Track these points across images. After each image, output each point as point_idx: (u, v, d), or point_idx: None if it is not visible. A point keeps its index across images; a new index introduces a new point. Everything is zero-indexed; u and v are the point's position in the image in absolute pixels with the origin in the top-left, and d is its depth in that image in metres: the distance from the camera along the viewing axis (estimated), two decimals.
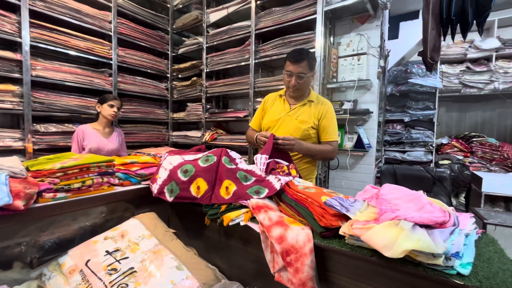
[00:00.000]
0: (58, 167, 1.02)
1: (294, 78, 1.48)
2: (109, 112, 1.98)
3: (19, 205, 0.85)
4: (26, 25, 2.00)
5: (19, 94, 2.01)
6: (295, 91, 1.55)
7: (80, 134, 1.92)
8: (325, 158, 1.64)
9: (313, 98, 1.59)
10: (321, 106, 1.57)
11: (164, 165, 1.27)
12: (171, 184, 1.17)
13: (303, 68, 1.46)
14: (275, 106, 1.67)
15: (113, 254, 0.93)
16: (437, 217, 0.66)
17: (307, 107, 1.58)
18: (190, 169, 1.19)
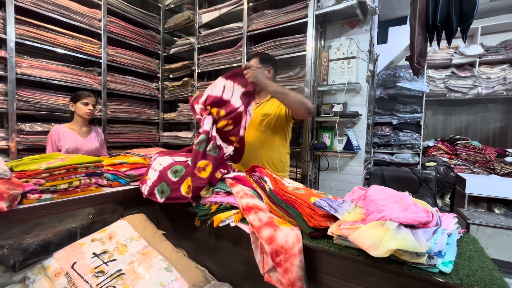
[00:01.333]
0: (44, 167, 1.00)
1: None
2: (84, 110, 1.88)
3: (2, 207, 0.82)
4: (11, 21, 1.95)
5: (3, 92, 1.95)
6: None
7: (55, 135, 1.81)
8: (300, 100, 1.43)
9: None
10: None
11: (153, 166, 1.26)
12: (162, 185, 1.17)
13: (253, 63, 1.61)
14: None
15: (100, 256, 0.91)
16: (421, 217, 0.68)
17: (269, 102, 1.67)
18: (180, 170, 1.19)
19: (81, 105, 1.88)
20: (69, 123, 1.93)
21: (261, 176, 1.18)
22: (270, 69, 1.65)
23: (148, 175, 1.24)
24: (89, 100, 1.91)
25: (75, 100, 1.89)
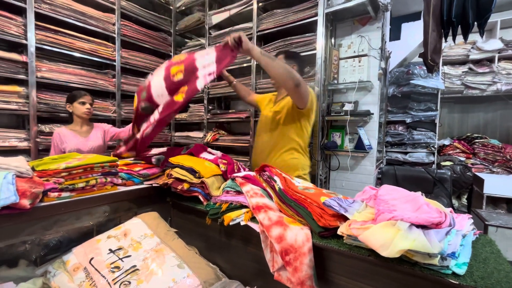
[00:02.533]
0: (63, 167, 1.05)
1: None
2: (82, 110, 1.88)
3: (25, 204, 0.87)
4: (31, 27, 2.04)
5: (24, 95, 2.04)
6: (273, 84, 1.80)
7: (57, 138, 1.84)
8: (287, 72, 1.34)
9: None
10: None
11: None
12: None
13: (279, 59, 1.59)
14: (268, 106, 1.80)
15: (116, 252, 0.95)
16: (433, 218, 0.67)
17: (284, 100, 1.65)
18: None
19: (78, 105, 1.89)
20: (70, 124, 1.95)
21: (271, 176, 1.19)
22: (293, 65, 1.61)
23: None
24: (86, 99, 1.91)
25: (71, 101, 1.89)
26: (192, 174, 1.23)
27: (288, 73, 1.34)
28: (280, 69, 1.35)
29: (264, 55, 1.33)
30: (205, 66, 1.32)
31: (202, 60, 1.35)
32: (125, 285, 0.82)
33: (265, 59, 1.33)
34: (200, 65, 1.33)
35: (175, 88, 1.36)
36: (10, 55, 1.97)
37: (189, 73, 1.34)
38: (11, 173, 0.92)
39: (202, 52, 1.40)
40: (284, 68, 1.35)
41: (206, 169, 1.25)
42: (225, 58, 1.34)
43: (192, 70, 1.34)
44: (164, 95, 1.38)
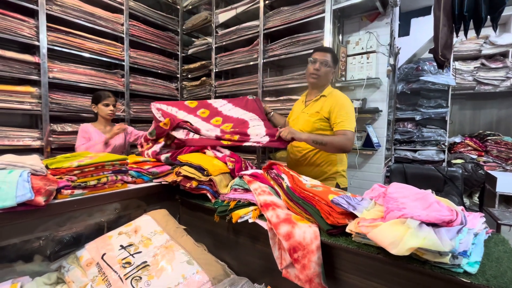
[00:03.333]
0: (75, 165, 1.07)
1: (318, 64, 1.58)
2: (106, 112, 1.99)
3: (40, 201, 0.90)
4: (43, 29, 2.08)
5: (37, 95, 2.10)
6: (315, 78, 1.61)
7: (85, 131, 1.95)
8: (338, 148, 1.48)
9: (326, 93, 1.62)
10: (332, 98, 1.57)
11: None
12: None
13: (327, 57, 1.58)
14: (297, 107, 1.79)
15: (127, 248, 0.97)
16: (444, 216, 0.66)
17: (319, 102, 1.61)
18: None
19: (102, 106, 1.98)
20: (94, 122, 2.04)
21: (278, 173, 1.19)
22: (334, 70, 1.67)
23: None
24: (109, 101, 2.00)
25: (96, 102, 2.00)
26: (200, 172, 1.24)
27: (336, 144, 1.47)
28: (331, 144, 1.47)
29: (318, 141, 1.45)
30: (258, 135, 1.56)
31: (254, 130, 1.61)
32: (136, 280, 0.84)
33: (320, 146, 1.48)
34: (253, 133, 1.58)
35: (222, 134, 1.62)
36: (23, 56, 2.03)
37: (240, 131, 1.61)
38: (27, 171, 0.95)
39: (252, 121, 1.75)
40: (335, 148, 1.48)
41: (214, 167, 1.26)
42: (277, 142, 1.51)
43: (242, 131, 1.60)
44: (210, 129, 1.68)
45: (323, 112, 1.56)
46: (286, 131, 1.45)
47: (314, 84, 1.65)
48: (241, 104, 1.93)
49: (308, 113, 1.63)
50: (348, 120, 1.51)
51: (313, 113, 1.60)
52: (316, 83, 1.63)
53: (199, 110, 1.89)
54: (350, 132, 1.48)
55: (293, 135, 1.44)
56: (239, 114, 1.85)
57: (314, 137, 1.47)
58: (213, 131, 1.64)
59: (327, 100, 1.58)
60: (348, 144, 1.47)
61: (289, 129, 1.46)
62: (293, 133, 1.44)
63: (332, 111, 1.53)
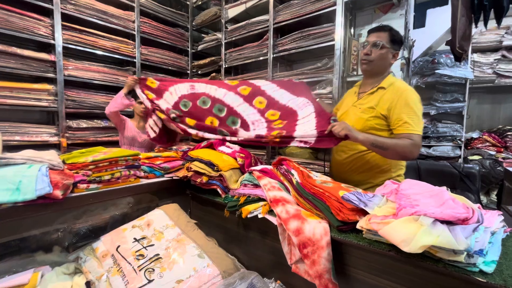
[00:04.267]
0: (90, 160, 1.11)
1: (368, 46, 1.33)
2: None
3: (58, 194, 0.93)
4: (58, 27, 2.14)
5: (53, 92, 2.17)
6: (365, 63, 1.36)
7: (126, 120, 2.11)
8: (402, 155, 1.22)
9: (386, 84, 1.33)
10: (393, 91, 1.28)
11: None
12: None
13: (382, 37, 1.31)
14: (348, 98, 1.53)
15: (140, 241, 1.00)
16: (459, 213, 0.64)
17: (375, 95, 1.33)
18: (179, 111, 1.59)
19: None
20: (132, 118, 2.20)
21: (288, 169, 1.19)
22: (396, 53, 1.35)
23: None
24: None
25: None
26: (210, 168, 1.25)
27: (400, 149, 1.20)
28: (394, 156, 1.25)
29: (377, 144, 1.21)
30: (304, 136, 1.36)
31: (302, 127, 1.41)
32: (149, 272, 0.86)
33: (377, 150, 1.23)
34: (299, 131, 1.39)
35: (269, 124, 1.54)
36: (40, 55, 2.09)
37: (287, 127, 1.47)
38: (45, 165, 0.99)
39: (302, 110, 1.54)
40: (398, 154, 1.23)
41: (224, 163, 1.28)
42: (326, 141, 1.32)
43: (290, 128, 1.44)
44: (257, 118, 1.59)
45: (380, 108, 1.28)
46: (340, 126, 1.21)
47: (367, 72, 1.40)
48: (287, 86, 1.72)
49: (360, 107, 1.36)
50: (415, 120, 1.21)
51: (366, 108, 1.33)
52: (368, 69, 1.37)
53: (240, 87, 1.72)
54: (418, 136, 1.19)
55: (348, 132, 1.19)
56: (286, 99, 1.63)
57: (373, 138, 1.21)
58: (258, 124, 1.54)
59: (387, 93, 1.30)
60: (414, 152, 1.19)
61: (344, 124, 1.21)
62: (348, 130, 1.19)
63: (393, 108, 1.25)
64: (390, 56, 1.33)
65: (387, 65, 1.36)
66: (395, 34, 1.33)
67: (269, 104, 1.63)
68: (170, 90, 1.70)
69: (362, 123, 1.32)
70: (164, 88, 1.71)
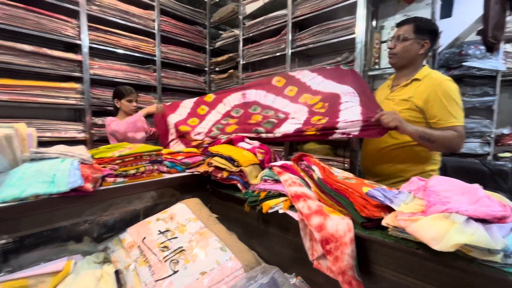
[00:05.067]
0: (117, 155, 1.15)
1: (393, 41, 1.35)
2: (130, 107, 2.04)
3: (88, 187, 0.98)
4: (84, 28, 2.23)
5: (80, 91, 2.27)
6: (391, 58, 1.37)
7: (115, 123, 1.96)
8: (449, 147, 1.20)
9: (421, 75, 1.30)
10: (429, 83, 1.25)
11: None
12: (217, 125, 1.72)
13: (404, 31, 1.31)
14: (381, 91, 1.51)
15: (164, 233, 1.03)
16: (496, 211, 0.61)
17: (410, 87, 1.31)
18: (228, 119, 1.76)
19: (126, 102, 2.04)
20: (116, 116, 2.08)
21: (309, 165, 1.17)
22: (425, 42, 1.30)
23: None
24: (133, 97, 2.06)
25: (120, 97, 2.05)
26: (231, 163, 1.27)
27: (447, 142, 1.18)
28: (440, 149, 1.25)
29: (423, 139, 1.17)
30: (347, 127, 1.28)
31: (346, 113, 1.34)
32: (174, 263, 0.89)
33: (424, 143, 1.20)
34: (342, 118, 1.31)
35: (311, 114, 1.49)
36: (68, 55, 2.19)
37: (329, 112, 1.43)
38: (77, 160, 1.04)
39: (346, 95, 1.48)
40: (445, 147, 1.21)
41: (244, 158, 1.28)
42: (371, 130, 1.24)
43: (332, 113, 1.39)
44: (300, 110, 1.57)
45: (416, 100, 1.25)
46: (390, 116, 1.15)
47: (394, 65, 1.40)
48: (333, 75, 1.67)
49: (394, 100, 1.35)
50: (457, 111, 1.19)
51: (400, 100, 1.31)
52: (394, 63, 1.38)
53: (286, 89, 1.75)
54: (461, 127, 1.18)
55: (399, 124, 1.14)
56: (331, 87, 1.61)
57: (422, 130, 1.17)
58: (300, 113, 1.51)
59: (422, 84, 1.27)
60: (461, 144, 1.19)
61: (395, 115, 1.16)
62: (399, 121, 1.14)
63: (431, 100, 1.21)
64: (416, 47, 1.31)
65: (414, 56, 1.33)
66: (421, 24, 1.30)
67: (314, 95, 1.63)
68: (224, 101, 1.88)
69: (397, 108, 1.30)
70: (219, 100, 1.90)
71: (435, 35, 1.34)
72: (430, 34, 1.31)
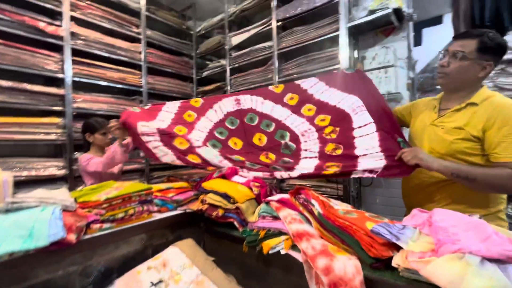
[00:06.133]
0: (103, 198, 1.07)
1: (446, 58, 1.10)
2: (104, 141, 1.89)
3: (72, 239, 0.89)
4: (68, 62, 2.19)
5: (62, 125, 2.17)
6: (441, 77, 1.13)
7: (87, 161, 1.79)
8: (496, 187, 0.99)
9: (478, 99, 1.07)
10: (490, 108, 1.02)
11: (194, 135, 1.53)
12: (212, 141, 1.47)
13: (464, 47, 1.05)
14: (424, 112, 1.27)
15: (157, 286, 0.94)
16: (510, 250, 0.60)
17: (464, 113, 1.08)
18: (224, 131, 1.54)
19: (99, 136, 1.87)
20: (90, 151, 1.90)
21: (308, 199, 1.14)
22: (488, 64, 1.05)
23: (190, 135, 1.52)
24: (106, 129, 1.85)
25: (92, 131, 1.87)
26: (226, 200, 1.21)
27: (494, 181, 0.97)
28: (486, 189, 1.02)
29: (458, 176, 0.98)
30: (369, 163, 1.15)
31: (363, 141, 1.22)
32: None
33: (462, 181, 0.99)
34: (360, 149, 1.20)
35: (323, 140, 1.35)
36: (49, 89, 2.12)
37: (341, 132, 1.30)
38: (58, 207, 0.95)
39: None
40: (491, 187, 1.00)
41: (239, 194, 1.24)
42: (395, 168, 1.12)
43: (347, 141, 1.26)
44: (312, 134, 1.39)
45: (472, 129, 1.04)
46: (409, 154, 1.05)
47: (444, 86, 1.17)
48: (337, 82, 1.51)
49: (443, 126, 1.12)
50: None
51: (452, 128, 1.09)
52: (444, 84, 1.14)
53: (286, 96, 1.57)
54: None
55: (419, 161, 1.02)
56: (336, 99, 1.43)
57: (455, 167, 0.99)
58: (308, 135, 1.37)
59: (480, 110, 1.05)
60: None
61: (415, 152, 1.04)
62: (419, 158, 1.02)
63: (491, 128, 1.00)
64: (476, 68, 1.06)
65: (471, 79, 1.08)
66: (488, 41, 1.03)
67: (319, 109, 1.46)
68: (215, 108, 1.62)
69: (447, 145, 1.09)
70: (208, 105, 1.63)
71: (501, 53, 1.06)
72: (495, 54, 1.05)
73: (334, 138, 1.30)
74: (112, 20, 2.50)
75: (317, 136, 1.36)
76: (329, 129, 1.34)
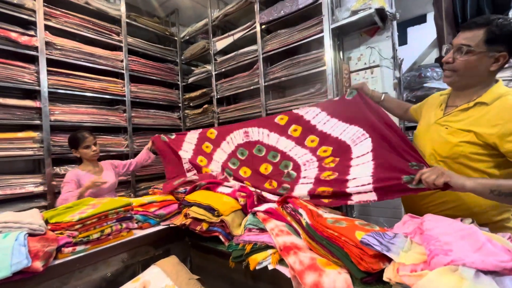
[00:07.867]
0: (76, 218, 0.99)
1: (451, 53, 0.98)
2: (90, 154, 1.83)
3: (38, 267, 0.81)
4: (44, 73, 2.10)
5: (39, 139, 2.07)
6: (447, 76, 1.01)
7: (74, 177, 1.76)
8: None
9: (489, 98, 0.94)
10: (502, 109, 0.90)
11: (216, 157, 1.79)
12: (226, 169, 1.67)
13: (469, 39, 0.92)
14: (431, 109, 1.15)
15: None
16: (505, 262, 0.56)
17: (472, 113, 0.97)
18: (236, 162, 1.70)
19: (83, 150, 1.82)
20: (81, 165, 1.88)
21: (295, 208, 1.09)
22: (501, 55, 0.91)
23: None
24: (89, 142, 1.83)
25: (76, 147, 1.82)
26: (210, 213, 1.15)
27: None
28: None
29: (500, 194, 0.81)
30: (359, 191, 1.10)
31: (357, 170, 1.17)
32: None
33: (502, 199, 0.84)
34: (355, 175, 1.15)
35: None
36: (25, 102, 2.03)
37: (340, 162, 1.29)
38: (23, 232, 0.88)
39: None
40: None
41: (225, 206, 1.18)
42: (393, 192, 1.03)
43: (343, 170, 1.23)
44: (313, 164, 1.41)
45: (481, 132, 0.92)
46: (433, 172, 0.87)
47: (451, 85, 1.05)
48: (338, 111, 1.47)
49: (448, 127, 1.01)
50: None
51: (457, 130, 0.98)
52: (454, 83, 1.02)
53: (290, 128, 1.59)
54: None
55: (448, 180, 0.84)
56: (338, 131, 1.40)
57: (494, 183, 0.82)
58: (309, 165, 1.40)
59: (492, 111, 0.92)
60: None
61: (439, 170, 0.87)
62: (448, 176, 0.84)
63: (507, 133, 0.87)
64: (487, 62, 0.92)
65: (483, 74, 0.95)
66: (497, 29, 0.89)
67: (321, 140, 1.46)
68: (227, 140, 1.80)
69: (449, 148, 0.98)
70: (221, 138, 1.83)
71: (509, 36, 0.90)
72: (508, 42, 0.90)
73: (332, 167, 1.30)
74: (91, 28, 2.41)
75: (317, 165, 1.39)
76: (329, 159, 1.36)
